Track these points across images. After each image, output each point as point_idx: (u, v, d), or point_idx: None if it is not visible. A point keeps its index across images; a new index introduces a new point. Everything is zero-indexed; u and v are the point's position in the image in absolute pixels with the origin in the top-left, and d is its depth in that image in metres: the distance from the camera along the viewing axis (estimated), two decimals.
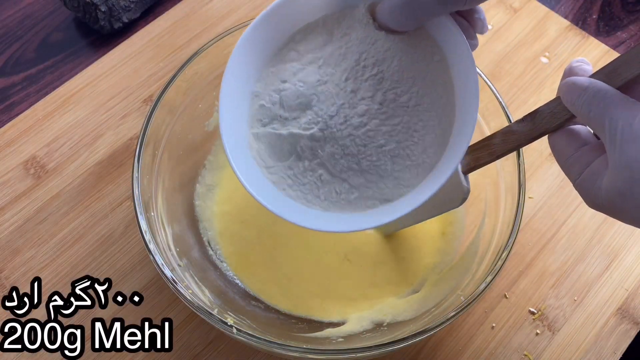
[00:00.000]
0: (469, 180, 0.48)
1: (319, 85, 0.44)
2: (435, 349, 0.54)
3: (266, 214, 0.43)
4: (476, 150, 0.47)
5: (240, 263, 0.56)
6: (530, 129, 0.43)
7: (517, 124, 0.44)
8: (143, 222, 0.48)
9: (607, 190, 0.36)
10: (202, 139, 0.59)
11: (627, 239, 0.59)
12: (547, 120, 0.42)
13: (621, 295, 0.57)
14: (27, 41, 0.72)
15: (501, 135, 0.45)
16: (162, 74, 0.67)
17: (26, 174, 0.61)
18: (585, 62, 0.40)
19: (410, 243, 0.56)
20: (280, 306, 0.54)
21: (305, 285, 0.55)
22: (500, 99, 0.53)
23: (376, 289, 0.55)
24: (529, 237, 0.59)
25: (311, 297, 0.55)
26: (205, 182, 0.59)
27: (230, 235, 0.57)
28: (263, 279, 0.55)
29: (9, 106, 0.67)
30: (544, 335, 0.55)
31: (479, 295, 0.46)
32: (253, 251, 0.57)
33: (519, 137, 0.44)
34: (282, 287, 0.55)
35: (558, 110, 0.41)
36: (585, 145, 0.39)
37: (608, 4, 0.77)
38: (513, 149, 0.45)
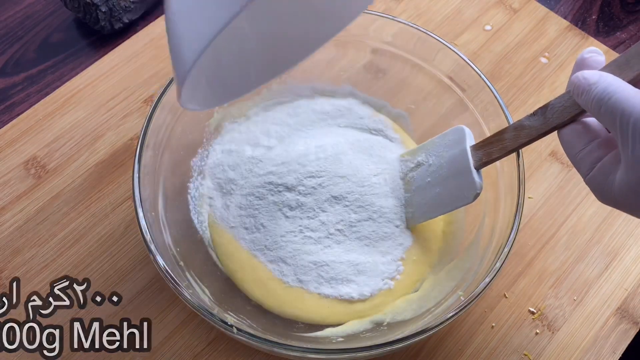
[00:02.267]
0: (482, 175, 0.48)
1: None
2: (435, 349, 0.54)
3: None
4: (488, 145, 0.47)
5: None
6: (541, 123, 0.42)
7: (529, 118, 0.44)
8: (143, 222, 0.48)
9: (620, 187, 0.35)
10: (202, 139, 0.59)
11: (627, 238, 0.59)
12: (559, 115, 0.41)
13: (620, 295, 0.57)
14: (27, 41, 0.72)
15: (512, 130, 0.45)
16: (162, 74, 0.68)
17: (27, 174, 0.62)
18: (597, 53, 0.39)
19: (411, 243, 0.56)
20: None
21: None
22: (500, 100, 0.53)
23: None
24: (528, 237, 0.59)
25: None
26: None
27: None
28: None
29: (9, 106, 0.67)
30: (543, 334, 0.55)
31: (478, 295, 0.46)
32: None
33: (530, 131, 0.43)
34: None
35: (570, 104, 0.40)
36: (596, 139, 0.38)
37: (607, 4, 0.77)
38: (525, 143, 0.44)
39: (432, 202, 0.52)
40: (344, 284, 0.53)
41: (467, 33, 0.71)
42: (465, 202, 0.49)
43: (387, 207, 0.54)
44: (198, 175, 0.59)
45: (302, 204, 0.54)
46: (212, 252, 0.56)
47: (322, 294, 0.52)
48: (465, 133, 0.50)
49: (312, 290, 0.53)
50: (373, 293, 0.53)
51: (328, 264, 0.53)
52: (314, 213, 0.54)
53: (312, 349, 0.46)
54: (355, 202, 0.54)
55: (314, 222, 0.54)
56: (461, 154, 0.49)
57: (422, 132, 0.61)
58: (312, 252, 0.53)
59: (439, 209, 0.52)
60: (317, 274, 0.53)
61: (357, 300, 0.52)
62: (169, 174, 0.55)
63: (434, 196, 0.52)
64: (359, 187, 0.54)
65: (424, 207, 0.53)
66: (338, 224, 0.54)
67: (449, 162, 0.51)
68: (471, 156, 0.49)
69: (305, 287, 0.53)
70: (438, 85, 0.59)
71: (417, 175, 0.54)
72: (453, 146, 0.51)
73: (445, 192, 0.51)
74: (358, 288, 0.53)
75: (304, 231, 0.54)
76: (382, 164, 0.56)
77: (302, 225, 0.54)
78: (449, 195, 0.50)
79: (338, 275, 0.53)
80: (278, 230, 0.54)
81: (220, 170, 0.58)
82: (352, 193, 0.54)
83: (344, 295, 0.52)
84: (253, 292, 0.53)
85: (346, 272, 0.53)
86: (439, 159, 0.52)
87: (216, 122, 0.60)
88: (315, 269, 0.53)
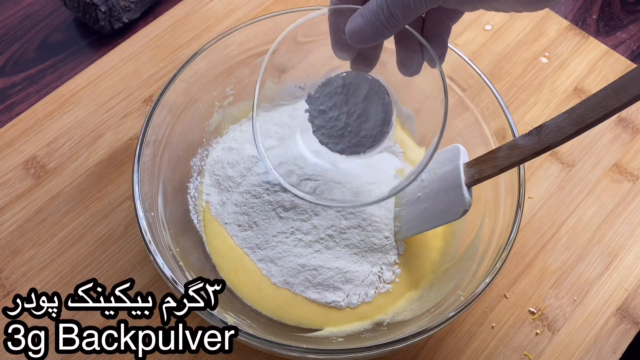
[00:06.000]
0: (472, 193, 0.49)
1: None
2: (435, 349, 0.54)
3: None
4: (481, 163, 0.48)
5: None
6: (535, 142, 0.43)
7: (523, 137, 0.44)
8: (143, 222, 0.48)
9: None
10: (202, 139, 0.59)
11: (627, 239, 0.59)
12: (553, 135, 0.42)
13: (621, 295, 0.57)
14: (27, 41, 0.72)
15: (506, 149, 0.46)
16: (162, 74, 0.68)
17: (26, 174, 0.62)
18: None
19: (410, 243, 0.56)
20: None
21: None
22: (500, 100, 0.53)
23: None
24: (528, 237, 0.59)
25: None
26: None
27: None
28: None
29: (9, 106, 0.67)
30: (543, 335, 0.55)
31: (478, 295, 0.46)
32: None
33: (523, 150, 0.44)
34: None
35: (564, 125, 0.41)
36: None
37: (608, 4, 0.77)
38: (517, 162, 0.45)
39: (419, 217, 0.52)
40: (331, 290, 0.53)
41: (467, 33, 0.71)
42: (453, 218, 0.49)
43: (378, 217, 0.54)
44: (198, 175, 0.59)
45: (296, 205, 0.54)
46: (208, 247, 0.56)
47: (309, 298, 0.53)
48: (460, 151, 0.51)
49: (298, 293, 0.53)
50: (359, 302, 0.53)
51: (316, 269, 0.53)
52: (307, 216, 0.54)
53: (312, 349, 0.46)
54: (347, 208, 0.54)
55: (306, 225, 0.54)
56: (454, 170, 0.50)
57: (422, 132, 0.61)
58: (302, 255, 0.53)
59: (425, 225, 0.52)
60: (304, 278, 0.53)
61: (346, 307, 0.53)
62: (169, 173, 0.55)
63: (422, 211, 0.52)
64: (353, 194, 0.54)
65: (411, 222, 0.53)
66: (329, 229, 0.54)
67: (440, 179, 0.51)
68: (464, 173, 0.49)
69: (292, 289, 0.53)
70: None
71: (408, 190, 0.54)
72: (447, 163, 0.51)
73: (434, 207, 0.51)
74: (345, 296, 0.53)
75: (296, 233, 0.54)
76: (379, 173, 0.56)
77: (294, 227, 0.54)
78: (438, 210, 0.50)
79: (325, 281, 0.53)
80: (270, 230, 0.54)
81: (219, 168, 0.58)
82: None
83: (330, 303, 0.52)
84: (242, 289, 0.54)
85: (334, 278, 0.53)
86: (432, 175, 0.52)
87: (216, 122, 0.60)
88: (303, 272, 0.53)
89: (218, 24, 0.71)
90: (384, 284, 0.54)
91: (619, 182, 0.62)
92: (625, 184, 0.62)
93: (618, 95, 0.38)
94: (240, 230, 0.55)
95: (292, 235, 0.54)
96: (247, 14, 0.72)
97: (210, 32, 0.70)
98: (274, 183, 0.55)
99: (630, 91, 0.37)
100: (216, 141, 0.60)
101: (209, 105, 0.59)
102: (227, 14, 0.72)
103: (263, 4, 0.72)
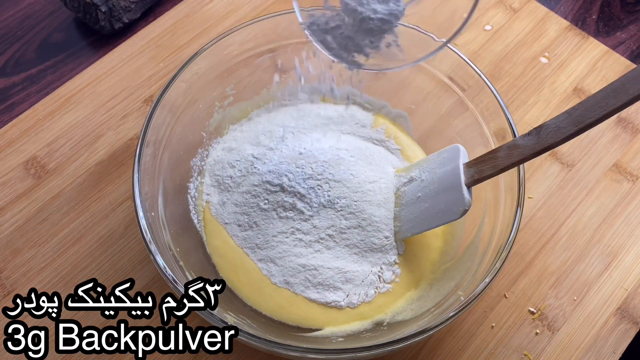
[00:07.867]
0: (472, 193, 0.49)
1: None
2: (435, 349, 0.54)
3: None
4: (480, 163, 0.48)
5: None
6: (535, 142, 0.43)
7: (522, 138, 0.44)
8: (143, 222, 0.48)
9: None
10: (202, 139, 0.59)
11: (627, 239, 0.59)
12: (553, 135, 0.42)
13: (620, 295, 0.57)
14: (27, 41, 0.72)
15: (506, 149, 0.46)
16: (162, 74, 0.68)
17: (27, 174, 0.62)
18: None
19: (410, 243, 0.56)
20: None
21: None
22: (500, 100, 0.53)
23: None
24: (528, 237, 0.59)
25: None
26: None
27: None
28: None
29: (9, 106, 0.67)
30: (543, 335, 0.55)
31: (478, 295, 0.46)
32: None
33: (523, 150, 0.44)
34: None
35: (564, 125, 0.41)
36: None
37: (607, 4, 0.77)
38: (517, 162, 0.45)
39: (419, 217, 0.52)
40: (331, 290, 0.53)
41: (467, 33, 0.71)
42: (452, 218, 0.49)
43: (378, 217, 0.54)
44: (198, 175, 0.59)
45: (296, 205, 0.54)
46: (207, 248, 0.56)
47: (309, 298, 0.53)
48: (460, 151, 0.51)
49: (298, 293, 0.53)
50: (359, 302, 0.53)
51: (316, 269, 0.53)
52: (307, 216, 0.54)
53: (312, 349, 0.46)
54: (347, 207, 0.54)
55: (306, 225, 0.54)
56: (454, 170, 0.50)
57: (422, 132, 0.61)
58: (302, 255, 0.53)
59: (425, 224, 0.52)
60: (304, 277, 0.53)
61: (346, 307, 0.53)
62: (169, 173, 0.55)
63: (422, 211, 0.52)
64: (353, 193, 0.54)
65: (411, 222, 0.53)
66: (329, 229, 0.54)
67: (440, 179, 0.51)
68: (463, 173, 0.49)
69: (292, 289, 0.53)
70: (438, 85, 0.59)
71: (408, 191, 0.54)
72: (447, 163, 0.51)
73: (433, 207, 0.51)
74: (344, 296, 0.53)
75: (296, 233, 0.54)
76: (380, 172, 0.56)
77: (294, 227, 0.54)
78: (437, 210, 0.51)
79: (325, 281, 0.53)
80: (270, 230, 0.54)
81: (219, 167, 0.58)
82: (345, 198, 0.54)
83: (330, 303, 0.52)
84: (242, 289, 0.54)
85: (334, 278, 0.53)
86: (432, 175, 0.52)
87: (216, 122, 0.60)
88: (303, 272, 0.53)
89: (218, 24, 0.71)
90: (384, 283, 0.54)
91: (619, 182, 0.62)
92: (625, 184, 0.62)
93: (618, 95, 0.38)
94: (240, 230, 0.55)
95: (292, 235, 0.54)
96: (247, 14, 0.72)
97: (210, 32, 0.70)
98: (275, 183, 0.55)
99: (630, 91, 0.38)
100: (216, 141, 0.60)
101: (209, 106, 0.59)
102: (227, 14, 0.72)
103: (263, 4, 0.72)
